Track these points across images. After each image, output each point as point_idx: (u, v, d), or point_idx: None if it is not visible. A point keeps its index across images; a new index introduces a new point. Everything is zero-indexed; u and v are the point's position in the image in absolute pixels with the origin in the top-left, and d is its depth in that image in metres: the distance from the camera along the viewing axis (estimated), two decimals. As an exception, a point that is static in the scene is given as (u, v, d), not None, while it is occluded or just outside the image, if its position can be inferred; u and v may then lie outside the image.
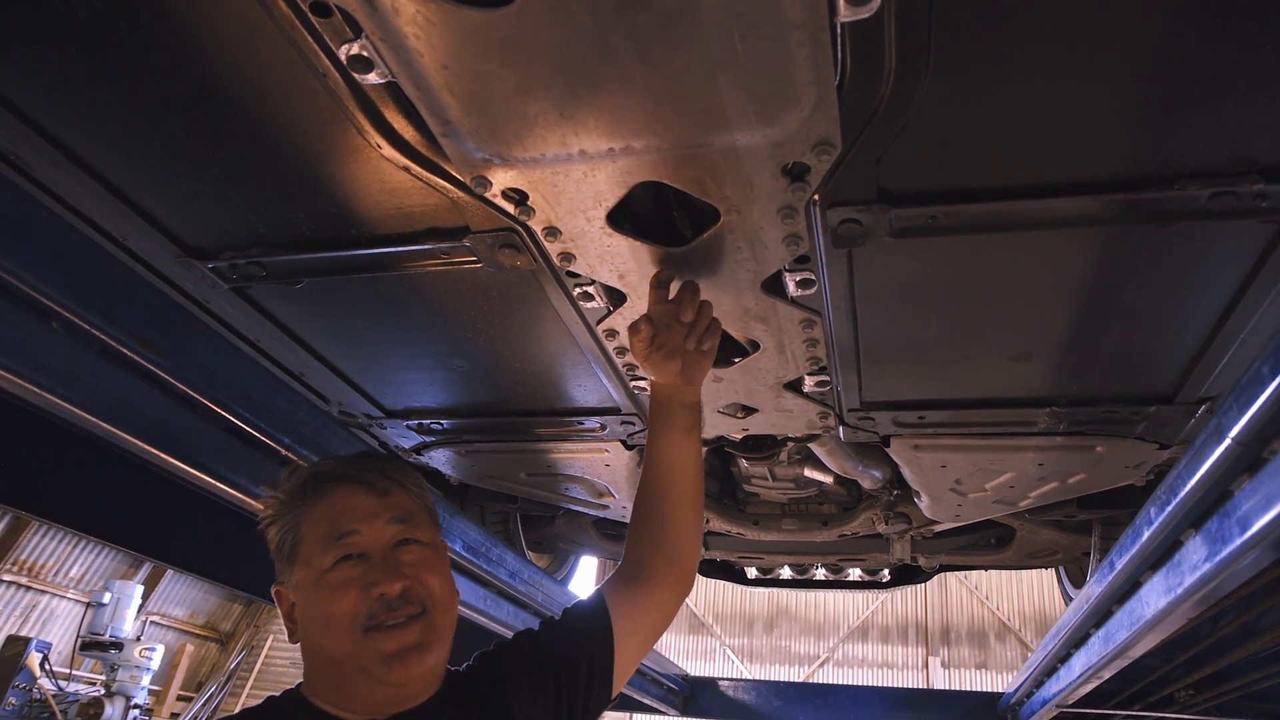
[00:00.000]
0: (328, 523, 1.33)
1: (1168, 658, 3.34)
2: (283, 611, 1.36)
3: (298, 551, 1.33)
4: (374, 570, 1.30)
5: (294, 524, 1.34)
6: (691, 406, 1.65)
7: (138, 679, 10.49)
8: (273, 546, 1.37)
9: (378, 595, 1.28)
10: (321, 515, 1.34)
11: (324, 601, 1.27)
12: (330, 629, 1.27)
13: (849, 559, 4.24)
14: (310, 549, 1.32)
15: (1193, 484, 1.66)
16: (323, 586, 1.28)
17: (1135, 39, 1.16)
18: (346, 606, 1.26)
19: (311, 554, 1.31)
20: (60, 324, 1.39)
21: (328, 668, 1.30)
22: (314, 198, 1.62)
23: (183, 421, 1.68)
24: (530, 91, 1.19)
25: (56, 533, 14.54)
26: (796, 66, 1.11)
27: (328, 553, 1.30)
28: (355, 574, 1.29)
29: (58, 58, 1.34)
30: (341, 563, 1.30)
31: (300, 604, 1.33)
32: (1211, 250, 1.53)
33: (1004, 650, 16.38)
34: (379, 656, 1.25)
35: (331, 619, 1.26)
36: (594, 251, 1.59)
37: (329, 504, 1.35)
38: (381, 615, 1.27)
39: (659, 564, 1.62)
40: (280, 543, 1.35)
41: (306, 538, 1.33)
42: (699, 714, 6.11)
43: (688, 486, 1.65)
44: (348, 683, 1.29)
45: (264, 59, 1.30)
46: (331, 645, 1.27)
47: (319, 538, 1.32)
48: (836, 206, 1.47)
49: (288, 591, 1.35)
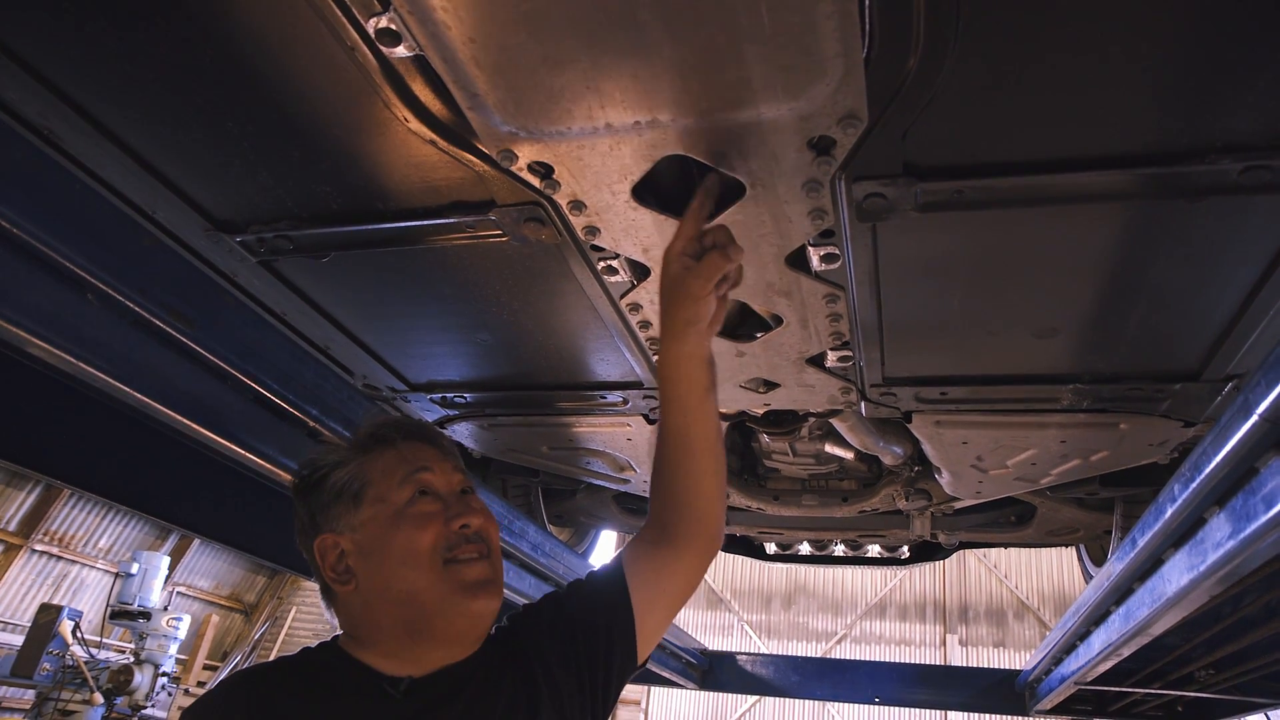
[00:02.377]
0: (401, 463, 1.35)
1: (1188, 636, 3.33)
2: (327, 562, 1.32)
3: (366, 492, 1.33)
4: (452, 506, 1.34)
5: (360, 469, 1.35)
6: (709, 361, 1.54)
7: (165, 648, 10.69)
8: (331, 492, 1.35)
9: (459, 526, 1.31)
10: (392, 459, 1.36)
11: (405, 534, 1.29)
12: (411, 560, 1.27)
13: (868, 535, 4.25)
14: (383, 487, 1.33)
15: (1218, 461, 1.65)
16: (404, 519, 1.30)
17: (1167, 10, 1.15)
18: (429, 539, 1.28)
19: (385, 491, 1.32)
20: (95, 296, 1.42)
21: (399, 610, 1.29)
22: (341, 171, 1.63)
23: (213, 393, 1.70)
24: (557, 64, 1.19)
25: (86, 503, 14.81)
26: (823, 38, 1.11)
27: (404, 487, 1.33)
28: (435, 508, 1.32)
29: (90, 31, 1.36)
30: (420, 497, 1.33)
31: (365, 545, 1.31)
32: (1242, 225, 1.52)
33: (1022, 629, 16.36)
34: (461, 585, 1.28)
35: (413, 551, 1.28)
36: (619, 225, 1.59)
37: (397, 452, 1.37)
38: (459, 547, 1.30)
39: (686, 526, 1.55)
40: (345, 485, 1.34)
41: (376, 480, 1.34)
42: (717, 688, 6.16)
43: (711, 447, 1.56)
44: (422, 620, 1.28)
45: (292, 32, 1.32)
46: (411, 578, 1.27)
47: (393, 474, 1.34)
48: (862, 180, 1.47)
49: (337, 539, 1.33)
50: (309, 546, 1.36)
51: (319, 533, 1.34)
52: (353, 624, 1.34)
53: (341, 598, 1.33)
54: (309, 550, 1.36)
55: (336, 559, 1.32)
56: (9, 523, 14.06)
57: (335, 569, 1.32)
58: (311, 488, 1.37)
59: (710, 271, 1.39)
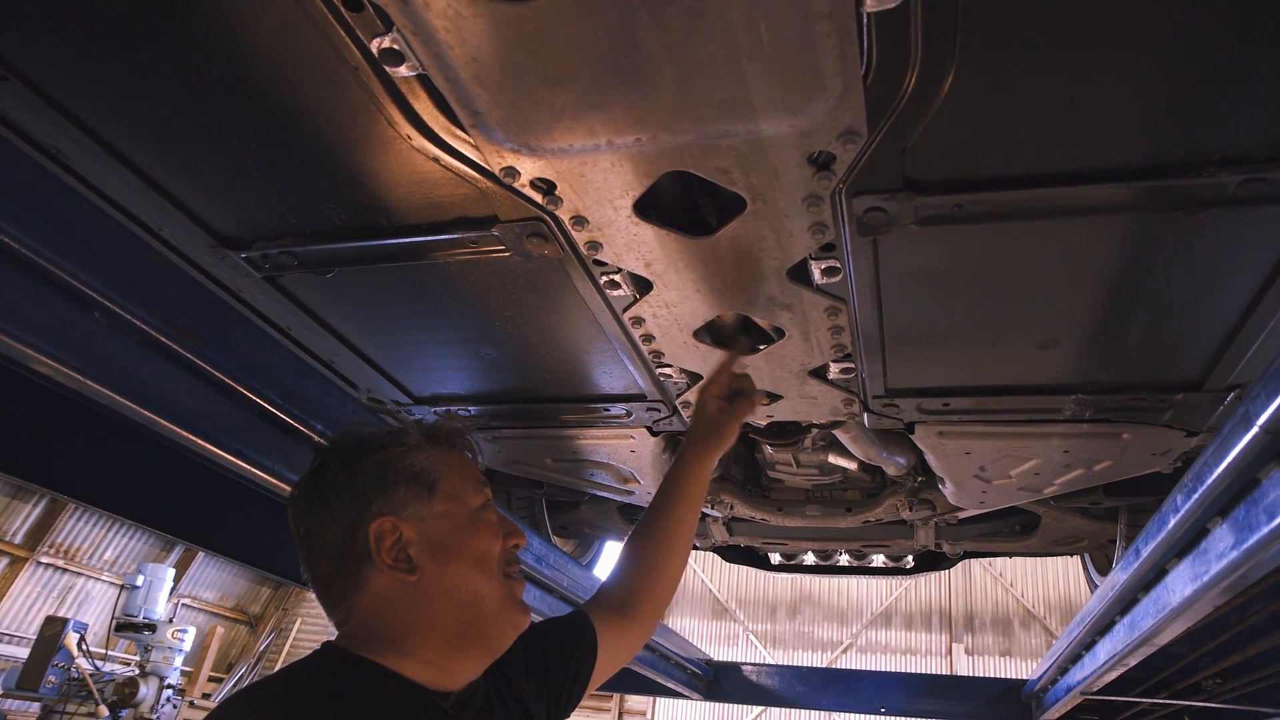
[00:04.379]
0: (472, 469, 1.38)
1: (1194, 645, 3.33)
2: (383, 546, 1.22)
3: (439, 485, 1.29)
4: (505, 523, 1.36)
5: (432, 461, 1.31)
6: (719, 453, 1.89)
7: (170, 660, 10.68)
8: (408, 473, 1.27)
9: (513, 545, 1.34)
10: (463, 462, 1.38)
11: (482, 538, 1.30)
12: (483, 566, 1.28)
13: (873, 545, 4.24)
14: (457, 486, 1.31)
15: (1220, 471, 1.65)
16: (479, 523, 1.31)
17: (1164, 25, 1.16)
18: (498, 547, 1.31)
19: (459, 491, 1.31)
20: (102, 313, 1.43)
21: (459, 611, 1.24)
22: (345, 188, 1.64)
23: (219, 408, 1.71)
24: (559, 83, 1.20)
25: (91, 516, 14.83)
26: (822, 57, 1.12)
27: (478, 494, 1.34)
28: (498, 520, 1.34)
29: (98, 53, 1.37)
30: (489, 506, 1.35)
31: (438, 539, 1.26)
32: (1241, 237, 1.52)
33: (1028, 637, 16.29)
34: (515, 601, 1.32)
35: (487, 556, 1.29)
36: (621, 240, 1.60)
37: (465, 458, 1.40)
38: (513, 563, 1.34)
39: (650, 603, 1.76)
40: (420, 472, 1.28)
41: (448, 476, 1.31)
42: (722, 698, 6.15)
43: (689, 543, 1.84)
44: (478, 624, 1.25)
45: (296, 52, 1.33)
46: (481, 583, 1.26)
47: (467, 479, 1.34)
48: (862, 195, 1.48)
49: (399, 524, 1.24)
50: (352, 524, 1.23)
51: (376, 514, 1.23)
52: (390, 621, 1.22)
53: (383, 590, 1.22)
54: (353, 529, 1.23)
55: (394, 544, 1.22)
56: (15, 535, 14.08)
57: (394, 555, 1.22)
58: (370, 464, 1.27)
59: (743, 414, 1.90)
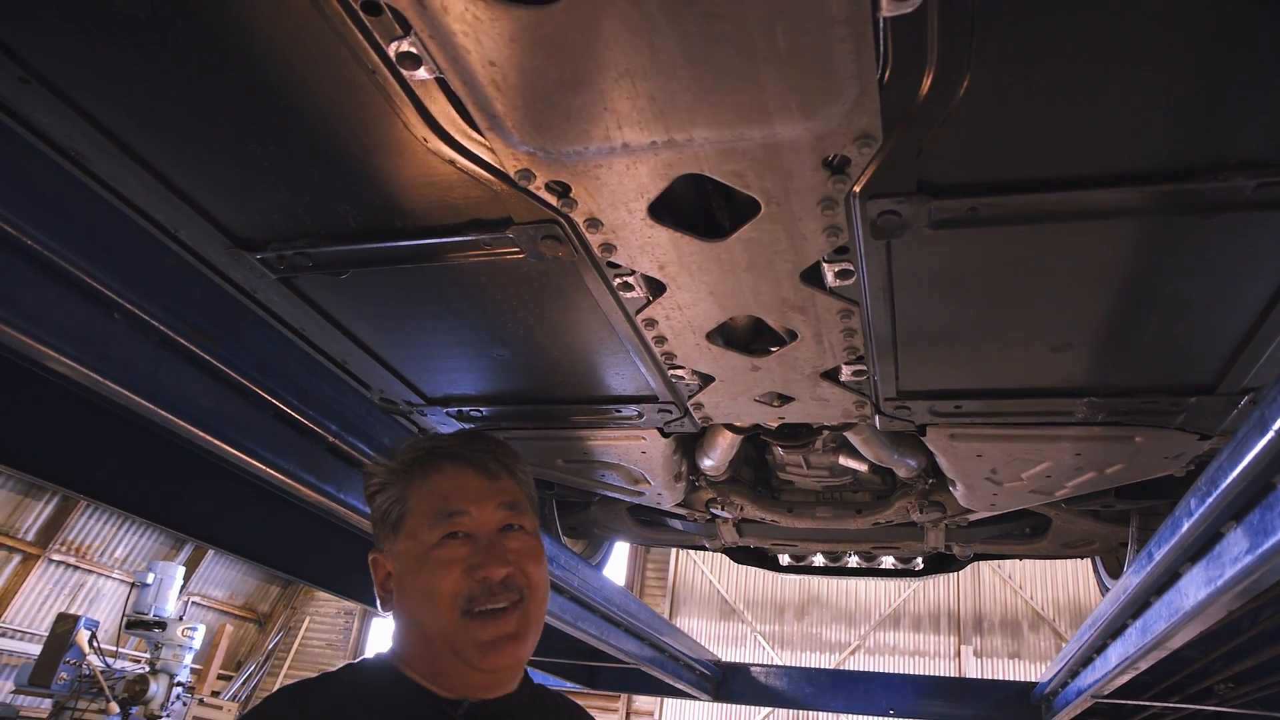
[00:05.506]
0: (437, 499, 1.34)
1: (1207, 650, 3.31)
2: (377, 579, 1.37)
3: (403, 523, 1.34)
4: (479, 553, 1.31)
5: (402, 494, 1.35)
6: None
7: (181, 657, 10.75)
8: (377, 514, 1.37)
9: (481, 578, 1.29)
10: (431, 490, 1.35)
11: (427, 577, 1.28)
12: (430, 605, 1.28)
13: (882, 547, 4.24)
14: (417, 522, 1.33)
15: (1234, 476, 1.65)
16: (428, 561, 1.29)
17: (1179, 29, 1.16)
18: (450, 585, 1.27)
19: (418, 527, 1.32)
20: (121, 315, 1.44)
21: (421, 642, 1.31)
22: (360, 190, 1.65)
23: (235, 409, 1.73)
24: (575, 87, 1.21)
25: (102, 514, 14.92)
26: (839, 61, 1.12)
27: (435, 529, 1.31)
28: (461, 554, 1.30)
29: (118, 55, 1.38)
30: (448, 540, 1.31)
31: (400, 575, 1.33)
32: (1256, 240, 1.52)
33: (1037, 640, 16.23)
34: (474, 643, 1.26)
35: (433, 595, 1.27)
36: (635, 243, 1.61)
37: (439, 480, 1.36)
38: (482, 599, 1.28)
39: None
40: (387, 511, 1.36)
41: (414, 510, 1.34)
42: (730, 699, 6.15)
43: None
44: (439, 660, 1.30)
45: (314, 55, 1.34)
46: (429, 622, 1.28)
47: (427, 512, 1.33)
48: (876, 198, 1.48)
49: (385, 560, 1.36)
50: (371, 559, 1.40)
51: (374, 549, 1.38)
52: (402, 640, 1.35)
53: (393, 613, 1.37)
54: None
55: (384, 578, 1.36)
56: (27, 533, 14.17)
57: (383, 586, 1.36)
58: (369, 502, 1.40)
59: None
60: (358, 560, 3.08)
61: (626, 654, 4.35)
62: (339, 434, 1.94)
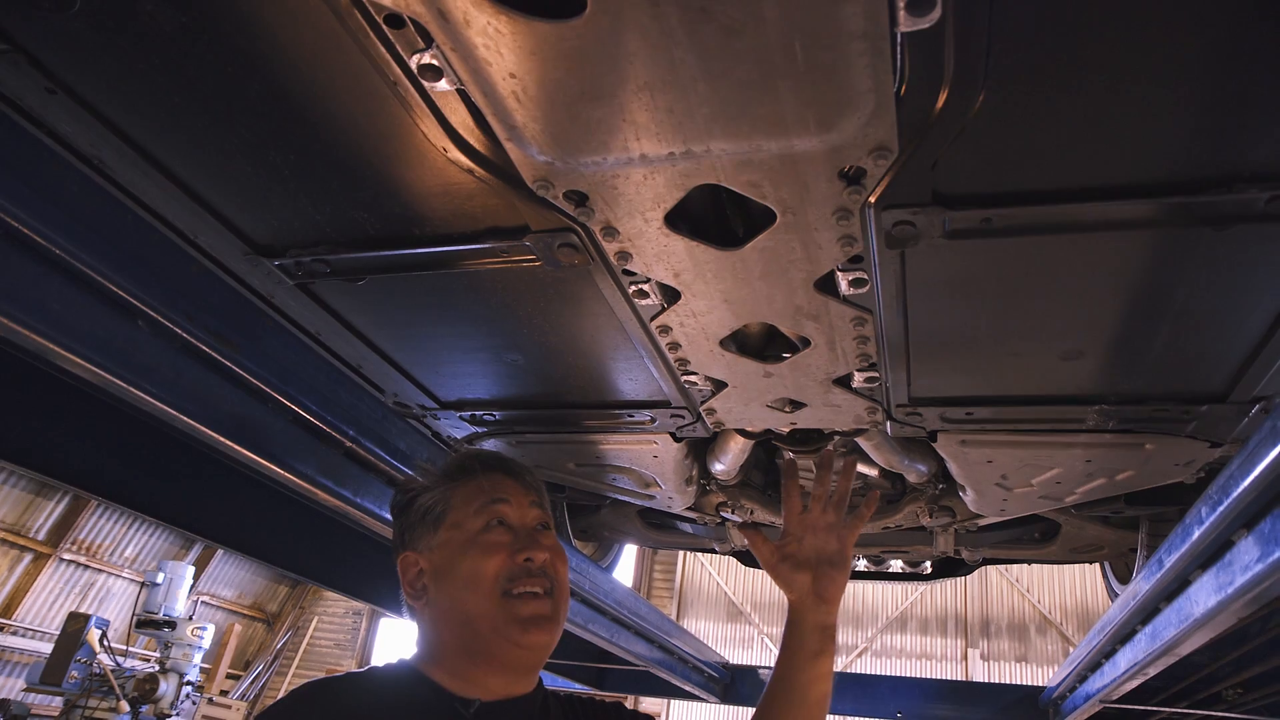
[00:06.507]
0: (481, 493, 1.44)
1: (1216, 655, 3.31)
2: (406, 578, 1.44)
3: (445, 516, 1.43)
4: (520, 539, 1.41)
5: (445, 494, 1.45)
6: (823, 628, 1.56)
7: (190, 656, 10.81)
8: (416, 514, 1.46)
9: (523, 559, 1.38)
10: (476, 487, 1.45)
11: (473, 559, 1.37)
12: (474, 587, 1.35)
13: (892, 551, 4.25)
14: (461, 513, 1.43)
15: (1246, 485, 1.66)
16: (474, 545, 1.38)
17: (1192, 44, 1.17)
18: (494, 566, 1.36)
19: (462, 517, 1.42)
20: (145, 322, 1.46)
21: (459, 631, 1.37)
22: (378, 198, 1.67)
23: (255, 415, 1.75)
24: (595, 99, 1.23)
25: (113, 513, 15.00)
26: (856, 75, 1.14)
27: (480, 516, 1.42)
28: (504, 539, 1.40)
29: (142, 67, 1.41)
30: (493, 526, 1.41)
31: (438, 566, 1.41)
32: (1268, 251, 1.53)
33: (1045, 644, 16.18)
34: (516, 619, 1.34)
35: (478, 576, 1.36)
36: (651, 251, 1.62)
37: (479, 482, 1.46)
38: (522, 580, 1.37)
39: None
40: (429, 508, 1.44)
41: (457, 505, 1.43)
42: (738, 701, 6.16)
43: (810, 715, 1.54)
44: (478, 643, 1.35)
45: (336, 66, 1.36)
46: (471, 603, 1.35)
47: (471, 504, 1.43)
48: (891, 209, 1.49)
49: (418, 557, 1.43)
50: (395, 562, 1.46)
51: (404, 550, 1.45)
52: (424, 640, 1.42)
53: (417, 614, 1.43)
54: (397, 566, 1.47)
55: (415, 576, 1.43)
56: (38, 532, 14.26)
57: (413, 585, 1.43)
58: (403, 508, 1.48)
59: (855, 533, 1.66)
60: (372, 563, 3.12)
61: (636, 656, 4.37)
62: (355, 439, 1.96)
